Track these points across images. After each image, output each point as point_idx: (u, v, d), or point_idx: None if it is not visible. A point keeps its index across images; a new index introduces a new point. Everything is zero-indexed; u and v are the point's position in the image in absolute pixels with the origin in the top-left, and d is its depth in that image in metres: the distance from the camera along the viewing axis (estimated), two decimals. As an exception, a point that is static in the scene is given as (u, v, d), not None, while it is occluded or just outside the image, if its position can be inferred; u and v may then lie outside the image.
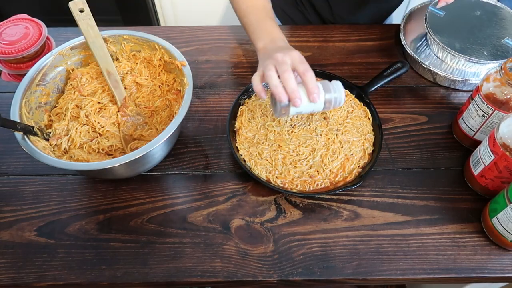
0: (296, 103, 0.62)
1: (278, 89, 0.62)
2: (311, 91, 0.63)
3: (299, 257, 0.63)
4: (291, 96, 0.62)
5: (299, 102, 0.62)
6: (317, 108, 0.66)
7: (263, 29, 0.75)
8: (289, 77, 0.62)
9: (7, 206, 0.68)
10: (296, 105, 0.63)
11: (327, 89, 0.66)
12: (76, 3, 0.69)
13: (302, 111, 0.66)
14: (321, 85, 0.66)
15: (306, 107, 0.65)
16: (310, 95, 0.63)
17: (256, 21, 0.77)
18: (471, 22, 0.86)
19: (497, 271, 0.62)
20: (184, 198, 0.69)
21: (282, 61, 0.63)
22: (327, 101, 0.66)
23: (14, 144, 0.73)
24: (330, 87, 0.66)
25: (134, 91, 0.76)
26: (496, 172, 0.63)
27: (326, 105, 0.66)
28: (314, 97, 0.63)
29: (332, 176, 0.69)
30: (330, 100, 0.66)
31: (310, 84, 0.63)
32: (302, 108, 0.65)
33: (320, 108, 0.67)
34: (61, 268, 0.62)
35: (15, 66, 0.81)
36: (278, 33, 0.74)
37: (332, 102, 0.66)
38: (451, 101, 0.83)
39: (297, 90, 0.62)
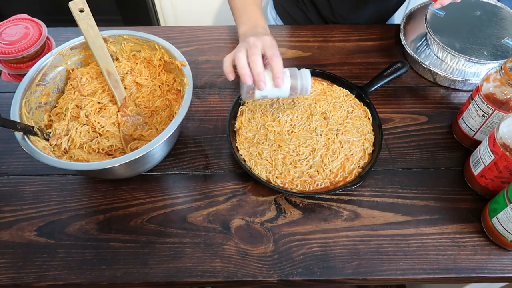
0: (260, 86, 0.64)
1: (244, 71, 0.64)
2: (276, 76, 0.64)
3: (299, 257, 0.63)
4: (256, 78, 0.64)
5: (263, 85, 0.64)
6: (282, 93, 0.68)
7: (247, 14, 0.77)
8: (256, 60, 0.64)
9: (7, 206, 0.68)
10: (260, 88, 0.65)
11: (294, 75, 0.67)
12: (76, 3, 0.69)
13: (267, 95, 0.68)
14: (288, 71, 0.67)
15: (271, 92, 0.67)
16: (275, 79, 0.65)
17: (241, 5, 0.79)
18: (471, 22, 0.86)
19: (497, 271, 0.62)
20: (184, 198, 0.69)
21: (253, 44, 0.65)
22: (292, 88, 0.67)
23: (14, 144, 0.73)
24: (297, 74, 0.67)
25: (134, 91, 0.76)
26: (496, 172, 0.63)
27: (291, 91, 0.68)
28: (278, 81, 0.65)
29: (332, 176, 0.69)
30: (295, 87, 0.67)
31: (275, 69, 0.64)
32: (267, 92, 0.67)
33: (286, 94, 0.68)
34: (61, 268, 0.62)
35: (15, 66, 0.81)
36: (260, 20, 0.76)
37: (298, 89, 0.68)
38: (451, 101, 0.83)
39: (262, 74, 0.64)
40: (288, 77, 0.67)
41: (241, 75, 0.64)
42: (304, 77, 0.68)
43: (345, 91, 0.79)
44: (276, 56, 0.65)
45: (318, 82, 0.81)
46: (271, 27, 1.04)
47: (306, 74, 0.68)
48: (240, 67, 0.64)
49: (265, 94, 0.67)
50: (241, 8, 0.79)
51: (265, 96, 0.68)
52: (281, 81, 0.65)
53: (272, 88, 0.66)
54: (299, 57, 0.91)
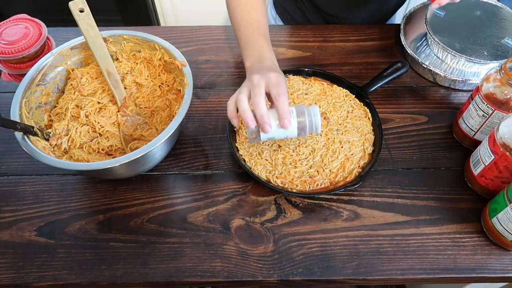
0: (264, 129, 0.60)
1: (246, 114, 0.60)
2: (281, 116, 0.59)
3: (299, 257, 0.63)
4: (260, 121, 0.60)
5: (268, 128, 0.60)
6: (290, 133, 0.63)
7: (253, 46, 0.72)
8: (258, 102, 0.59)
9: (7, 206, 0.68)
10: (264, 131, 0.60)
11: (301, 113, 0.62)
12: (76, 3, 0.69)
13: (274, 136, 0.63)
14: (294, 110, 0.62)
15: (278, 133, 0.62)
16: (281, 121, 0.60)
17: (247, 36, 0.74)
18: (471, 22, 0.86)
19: (497, 271, 0.62)
20: (184, 198, 0.69)
21: (256, 83, 0.61)
22: (300, 126, 0.62)
23: (14, 144, 0.73)
24: (305, 111, 0.62)
25: (134, 91, 0.76)
26: (496, 172, 0.63)
27: (300, 131, 0.62)
28: (285, 122, 0.60)
29: (332, 176, 0.69)
30: (304, 125, 0.62)
31: (280, 110, 0.59)
32: (274, 134, 0.62)
33: (294, 134, 0.63)
34: (61, 268, 0.62)
35: (15, 66, 0.81)
36: (267, 52, 0.71)
37: (307, 127, 0.62)
38: (451, 101, 0.83)
39: (266, 116, 0.59)
40: (294, 117, 0.62)
41: (243, 119, 0.60)
42: (313, 114, 0.62)
43: (345, 91, 0.80)
44: (281, 95, 0.60)
45: (318, 82, 0.81)
46: (271, 27, 1.04)
47: (315, 110, 0.63)
48: (242, 110, 0.60)
49: (272, 136, 0.62)
50: (247, 40, 0.73)
51: (271, 138, 0.63)
52: (288, 122, 0.60)
53: (278, 129, 0.61)
54: (299, 57, 0.91)
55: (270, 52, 0.72)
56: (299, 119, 0.62)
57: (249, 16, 0.76)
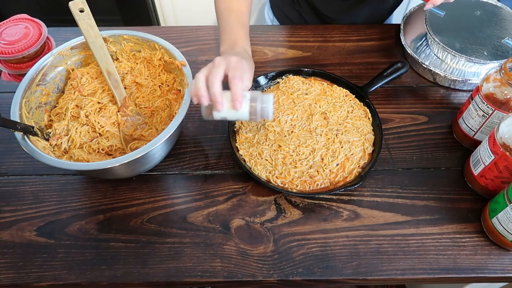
0: (216, 107, 0.63)
1: (200, 92, 0.62)
2: (233, 98, 0.63)
3: (299, 257, 0.63)
4: (212, 99, 0.62)
5: (219, 107, 0.63)
6: (242, 116, 0.65)
7: (229, 33, 0.76)
8: (214, 81, 0.62)
9: (7, 206, 0.68)
10: (216, 110, 0.63)
11: (254, 99, 0.65)
12: (76, 3, 0.69)
13: (226, 116, 0.65)
14: (249, 94, 0.65)
15: (230, 114, 0.65)
16: (233, 102, 0.63)
17: (225, 24, 0.78)
18: (471, 22, 0.86)
19: (497, 271, 0.62)
20: (184, 198, 0.69)
21: (217, 64, 0.64)
22: (252, 111, 0.65)
23: (14, 144, 0.73)
24: (258, 98, 0.65)
25: (134, 91, 0.76)
26: (496, 172, 0.63)
27: (251, 114, 0.65)
28: (236, 104, 0.63)
29: (332, 176, 0.69)
30: (255, 110, 0.65)
31: (233, 91, 0.62)
32: (226, 113, 0.65)
33: (246, 117, 0.65)
34: (61, 268, 0.62)
35: (15, 66, 0.81)
36: (241, 40, 0.74)
37: (258, 113, 0.65)
38: (451, 101, 0.83)
39: (219, 95, 0.62)
40: (247, 101, 0.65)
41: (197, 96, 0.63)
42: (266, 101, 0.65)
43: (345, 91, 0.79)
44: (236, 78, 0.63)
45: (318, 82, 0.81)
46: (268, 27, 1.04)
47: (268, 98, 0.65)
48: (197, 88, 0.63)
49: (224, 115, 0.65)
50: (225, 28, 0.78)
51: (223, 117, 0.66)
52: (239, 104, 0.63)
53: (230, 110, 0.64)
54: (299, 57, 0.91)
55: (245, 40, 0.75)
56: (251, 103, 0.65)
57: (232, 5, 0.80)
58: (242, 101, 0.64)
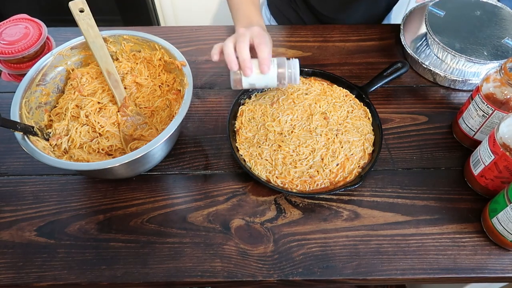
0: (245, 72, 0.66)
1: (230, 57, 0.65)
2: (261, 62, 0.65)
3: (299, 257, 0.63)
4: (242, 65, 0.65)
5: (248, 71, 0.65)
6: (270, 81, 0.68)
7: (243, 12, 0.79)
8: (242, 47, 0.65)
9: (7, 206, 0.68)
10: (245, 74, 0.66)
11: (282, 64, 0.68)
12: (76, 3, 0.69)
13: (255, 83, 0.68)
14: (275, 60, 0.68)
15: (258, 80, 0.68)
16: (261, 66, 0.65)
17: (238, 4, 0.81)
18: (471, 22, 0.86)
19: (497, 271, 0.62)
20: (184, 198, 0.69)
21: (241, 34, 0.67)
22: (279, 76, 0.67)
23: (14, 144, 0.73)
24: (285, 63, 0.68)
25: (134, 91, 0.76)
26: (496, 172, 0.63)
27: (279, 80, 0.68)
28: (264, 68, 0.65)
29: (332, 176, 0.69)
30: (283, 75, 0.67)
31: (261, 55, 0.65)
32: (255, 80, 0.67)
33: (274, 83, 0.69)
34: (61, 268, 0.62)
35: (15, 66, 0.81)
36: (255, 17, 0.78)
37: (286, 77, 0.68)
38: (451, 101, 0.83)
39: (248, 60, 0.65)
40: (275, 65, 0.67)
41: (227, 62, 0.66)
42: (293, 66, 0.68)
43: (345, 91, 0.79)
44: (263, 44, 0.66)
45: (318, 82, 0.81)
46: (268, 27, 1.04)
47: (295, 63, 0.69)
48: (226, 54, 0.66)
49: (253, 82, 0.68)
50: (238, 8, 0.80)
51: (252, 84, 0.69)
52: (267, 67, 0.66)
53: (258, 75, 0.67)
54: (299, 57, 0.90)
55: (259, 17, 0.79)
56: (279, 69, 0.68)
57: None
58: (270, 64, 0.66)
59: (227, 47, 0.66)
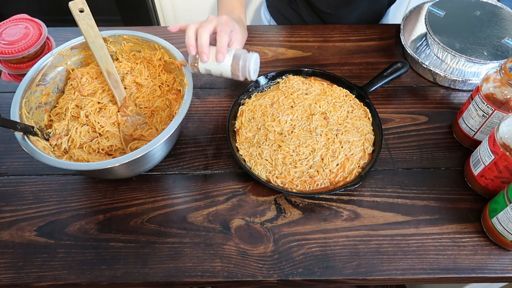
0: (201, 57, 0.68)
1: (190, 41, 0.68)
2: (217, 50, 0.68)
3: (299, 257, 0.63)
4: (199, 50, 0.68)
5: (204, 57, 0.68)
6: (224, 71, 0.70)
7: (225, 4, 0.84)
8: (202, 32, 0.67)
9: (7, 206, 0.68)
10: (201, 60, 0.68)
11: (238, 56, 0.69)
12: (76, 3, 0.69)
13: (210, 69, 0.71)
14: (233, 51, 0.70)
15: (213, 67, 0.71)
16: (216, 54, 0.68)
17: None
18: (471, 22, 0.86)
19: (497, 271, 0.62)
20: (184, 198, 0.69)
21: (208, 20, 0.69)
22: (234, 67, 0.69)
23: (14, 144, 0.73)
24: (241, 56, 0.69)
25: (134, 91, 0.76)
26: (496, 172, 0.63)
27: (233, 71, 0.70)
28: (219, 56, 0.68)
29: (332, 176, 0.69)
30: (236, 67, 0.69)
31: (218, 43, 0.68)
32: (210, 66, 0.71)
33: (228, 72, 0.70)
34: (61, 268, 0.62)
35: (15, 66, 0.81)
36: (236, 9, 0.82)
37: (240, 70, 0.70)
38: (451, 101, 0.83)
39: (206, 46, 0.67)
40: (231, 56, 0.69)
41: (186, 45, 0.69)
42: (248, 60, 0.69)
43: (345, 91, 0.79)
44: (223, 32, 0.68)
45: (318, 82, 0.81)
46: (268, 27, 1.04)
47: (251, 57, 0.70)
48: (187, 37, 0.68)
49: (208, 68, 0.70)
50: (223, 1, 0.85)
51: (208, 70, 0.71)
52: (221, 56, 0.68)
53: (214, 63, 0.69)
54: (299, 57, 0.91)
55: (240, 9, 0.83)
56: (234, 60, 0.70)
57: None
58: (225, 54, 0.68)
59: (189, 30, 0.69)
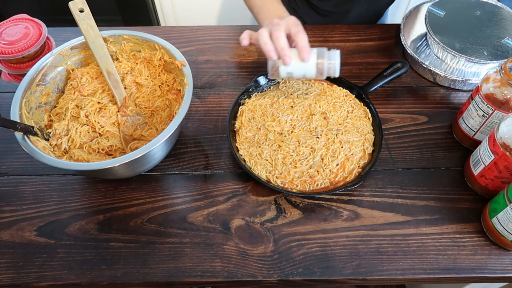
0: (285, 61, 0.64)
1: (268, 46, 0.64)
2: (301, 50, 0.64)
3: (299, 257, 0.63)
4: (281, 53, 0.64)
5: (288, 60, 0.64)
6: (308, 71, 0.67)
7: (268, 9, 0.78)
8: (279, 36, 0.64)
9: (7, 206, 0.68)
10: (285, 62, 0.64)
11: (321, 55, 0.67)
12: (76, 3, 0.69)
13: (293, 72, 0.67)
14: (315, 50, 0.67)
15: (296, 69, 0.67)
16: (301, 53, 0.64)
17: (262, 4, 0.79)
18: (471, 22, 0.86)
19: (497, 271, 0.62)
20: (184, 198, 0.69)
21: (276, 23, 0.66)
22: (319, 67, 0.66)
23: (14, 144, 0.73)
24: (325, 54, 0.67)
25: (134, 91, 0.76)
26: (496, 172, 0.63)
27: (318, 70, 0.67)
28: (304, 55, 0.64)
29: (332, 176, 0.69)
30: (322, 65, 0.66)
31: (300, 43, 0.64)
32: (293, 68, 0.66)
33: (313, 72, 0.67)
34: (61, 268, 0.62)
35: (15, 66, 0.81)
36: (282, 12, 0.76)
37: (325, 69, 0.67)
38: (451, 101, 0.83)
39: (287, 49, 0.64)
40: (315, 55, 0.66)
41: (265, 51, 0.64)
42: (332, 57, 0.67)
43: (345, 91, 0.79)
44: (300, 32, 0.65)
45: (318, 82, 0.81)
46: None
47: (335, 54, 0.67)
48: (264, 43, 0.64)
49: (291, 70, 0.66)
50: (262, 7, 0.79)
51: (290, 73, 0.67)
52: (308, 54, 0.64)
53: (297, 64, 0.65)
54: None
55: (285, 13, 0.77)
56: (318, 60, 0.66)
57: None
58: (310, 52, 0.65)
59: (263, 36, 0.65)
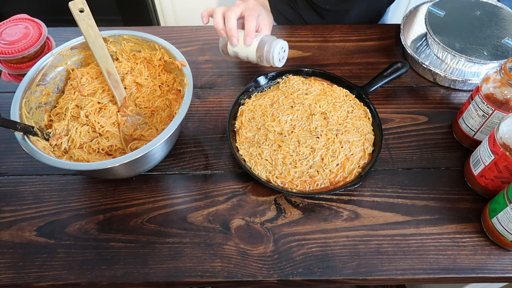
0: (231, 41, 0.71)
1: (218, 26, 0.71)
2: (245, 33, 0.70)
3: (299, 257, 0.63)
4: (228, 34, 0.70)
5: (234, 40, 0.70)
6: (250, 54, 0.72)
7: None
8: (229, 16, 0.69)
9: (7, 206, 0.68)
10: (231, 43, 0.71)
11: (264, 41, 0.71)
12: (76, 3, 0.69)
13: (238, 52, 0.74)
14: (261, 36, 0.72)
15: (241, 50, 0.73)
16: (244, 37, 0.70)
17: None
18: (471, 22, 0.86)
19: (497, 271, 0.62)
20: (184, 198, 0.69)
21: (235, 4, 0.71)
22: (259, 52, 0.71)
23: (14, 144, 0.73)
24: (267, 42, 0.71)
25: (134, 91, 0.76)
26: (496, 172, 0.63)
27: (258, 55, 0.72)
28: (247, 39, 0.70)
29: (332, 176, 0.69)
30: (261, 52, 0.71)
31: (246, 27, 0.69)
32: (238, 49, 0.73)
33: (253, 57, 0.72)
34: (61, 268, 0.62)
35: (15, 66, 0.81)
36: None
37: (264, 54, 0.72)
38: (451, 101, 0.83)
39: (235, 30, 0.69)
40: (258, 40, 0.71)
41: (216, 29, 0.72)
42: (273, 46, 0.71)
43: (345, 91, 0.80)
44: (251, 16, 0.69)
45: (318, 82, 0.81)
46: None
47: (277, 43, 0.71)
48: (215, 21, 0.70)
49: (236, 50, 0.73)
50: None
51: (236, 52, 0.74)
52: (249, 39, 0.70)
53: (242, 46, 0.71)
54: (299, 57, 0.91)
55: None
56: (260, 44, 0.72)
57: None
58: (253, 37, 0.71)
59: (216, 15, 0.70)
